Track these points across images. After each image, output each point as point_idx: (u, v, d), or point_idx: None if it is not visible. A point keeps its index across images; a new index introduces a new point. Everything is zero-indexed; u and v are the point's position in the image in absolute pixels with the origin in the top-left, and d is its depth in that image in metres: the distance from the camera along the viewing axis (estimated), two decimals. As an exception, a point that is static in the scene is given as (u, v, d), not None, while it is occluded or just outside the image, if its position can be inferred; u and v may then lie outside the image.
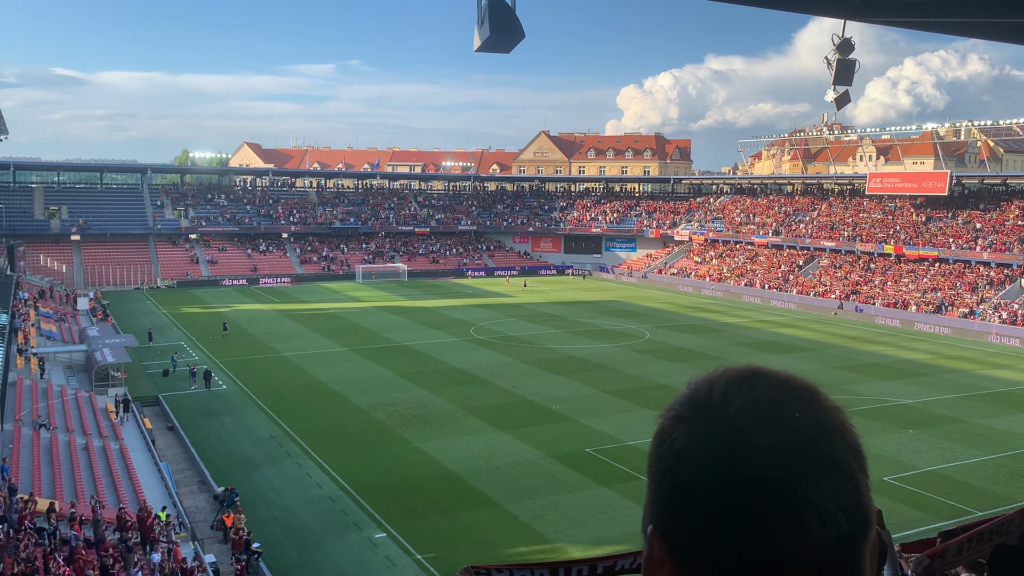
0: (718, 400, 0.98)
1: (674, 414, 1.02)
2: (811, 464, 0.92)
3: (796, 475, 0.91)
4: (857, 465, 0.96)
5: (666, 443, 1.00)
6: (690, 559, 0.95)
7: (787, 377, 1.01)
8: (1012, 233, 70.89)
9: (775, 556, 0.90)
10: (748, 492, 0.91)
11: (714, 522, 0.92)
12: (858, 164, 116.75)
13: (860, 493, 0.95)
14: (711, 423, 0.97)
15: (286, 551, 23.42)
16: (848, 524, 0.93)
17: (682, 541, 0.96)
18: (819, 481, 0.92)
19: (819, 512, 0.91)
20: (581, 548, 22.72)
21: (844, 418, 0.99)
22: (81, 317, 58.84)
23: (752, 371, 1.02)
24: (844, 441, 0.97)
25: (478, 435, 33.23)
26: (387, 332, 55.59)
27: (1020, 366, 49.75)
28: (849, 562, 0.93)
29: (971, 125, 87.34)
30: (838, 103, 11.79)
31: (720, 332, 58.48)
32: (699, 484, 0.94)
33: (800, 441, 0.94)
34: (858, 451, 0.98)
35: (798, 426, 0.95)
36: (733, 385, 1.00)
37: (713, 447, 0.95)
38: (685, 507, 0.95)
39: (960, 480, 28.81)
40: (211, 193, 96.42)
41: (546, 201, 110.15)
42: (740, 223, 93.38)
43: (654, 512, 1.00)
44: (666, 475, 0.98)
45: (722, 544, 0.92)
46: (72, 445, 30.06)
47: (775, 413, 0.96)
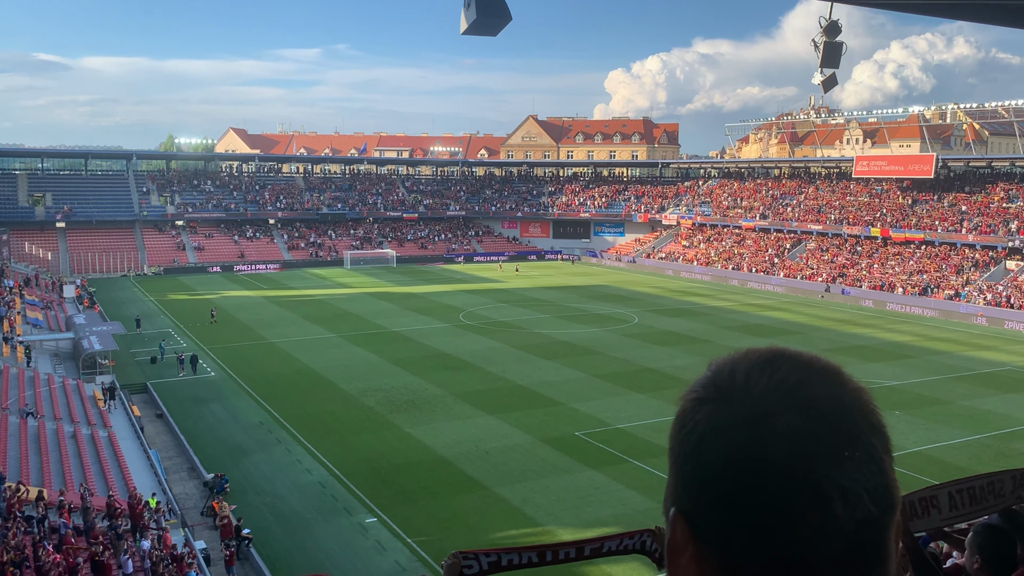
0: (741, 383, 0.97)
1: (696, 397, 1.00)
2: (836, 446, 0.91)
3: (821, 458, 0.90)
4: (882, 447, 0.95)
5: (688, 426, 0.98)
6: (714, 543, 0.94)
7: (810, 359, 0.99)
8: (997, 215, 71.34)
9: (801, 540, 0.89)
10: (773, 476, 0.90)
11: (738, 506, 0.91)
12: (845, 147, 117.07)
13: (885, 474, 0.94)
14: (734, 406, 0.95)
15: (277, 537, 23.47)
16: (874, 506, 0.92)
17: (705, 524, 0.94)
18: (845, 463, 0.91)
19: (845, 495, 0.90)
20: (571, 531, 22.86)
21: (868, 399, 0.98)
22: (67, 305, 58.47)
23: (775, 353, 1.00)
24: (869, 422, 0.95)
25: (468, 420, 33.31)
26: (376, 318, 55.53)
27: (1004, 347, 50.21)
28: (875, 544, 0.93)
29: (957, 108, 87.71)
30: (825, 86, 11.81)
31: (708, 316, 58.70)
32: (723, 467, 0.93)
33: (825, 423, 0.92)
34: (882, 432, 0.97)
35: (822, 408, 0.93)
36: (756, 367, 0.98)
37: (737, 430, 0.93)
38: (708, 490, 0.94)
39: (945, 460, 29.13)
40: (197, 179, 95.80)
41: (534, 186, 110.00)
42: (727, 207, 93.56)
43: (676, 495, 0.99)
44: (688, 458, 0.97)
45: (747, 528, 0.91)
46: (60, 433, 29.95)
47: (799, 395, 0.94)
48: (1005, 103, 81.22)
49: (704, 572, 0.95)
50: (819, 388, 0.95)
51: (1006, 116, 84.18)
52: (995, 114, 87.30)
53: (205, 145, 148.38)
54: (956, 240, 70.85)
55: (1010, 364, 45.22)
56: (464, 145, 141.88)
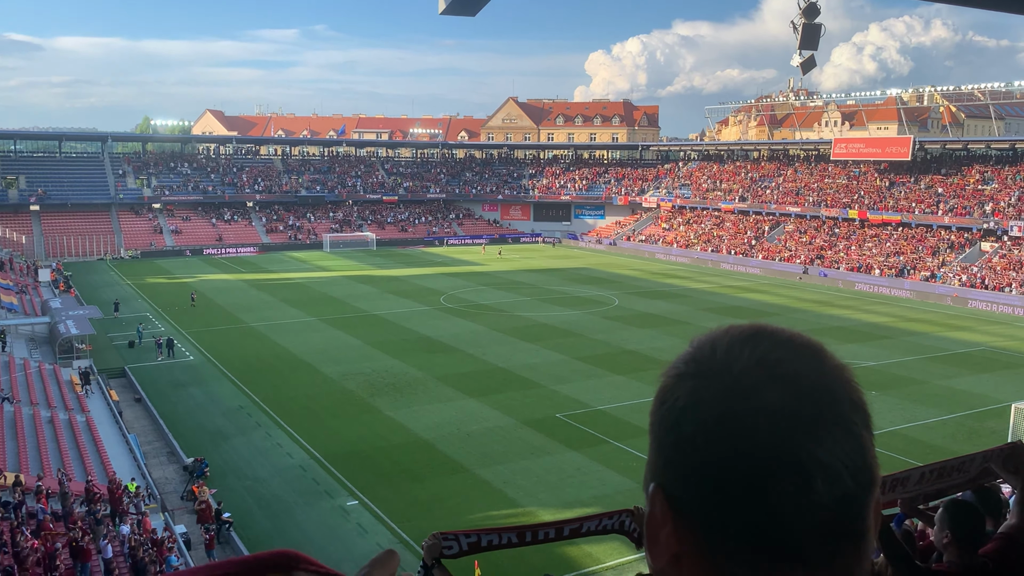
0: (722, 358, 0.96)
1: (677, 372, 0.99)
2: (816, 423, 0.91)
3: (801, 434, 0.89)
4: (862, 424, 0.95)
5: (668, 401, 0.97)
6: (693, 518, 0.93)
7: (792, 335, 0.98)
8: (972, 197, 72.07)
9: (779, 514, 0.89)
10: (752, 451, 0.89)
11: (717, 481, 0.90)
12: (823, 130, 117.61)
13: (865, 451, 0.93)
14: (715, 381, 0.94)
15: (257, 520, 23.44)
16: (853, 483, 0.91)
17: (685, 499, 0.94)
18: (824, 440, 0.90)
19: (824, 471, 0.89)
20: (552, 512, 22.99)
21: (849, 376, 0.97)
22: (43, 289, 57.77)
23: (756, 329, 1.00)
24: (849, 399, 0.95)
25: (449, 403, 33.34)
26: (356, 301, 55.34)
27: (979, 328, 50.88)
28: (853, 519, 0.92)
29: (934, 91, 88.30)
30: (804, 67, 11.84)
31: (687, 298, 59.00)
32: (702, 442, 0.92)
33: (805, 399, 0.91)
34: (863, 409, 0.96)
35: (803, 384, 0.93)
36: (737, 343, 0.97)
37: (716, 405, 0.92)
38: (688, 465, 0.93)
39: (920, 439, 29.54)
40: (174, 162, 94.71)
41: (515, 168, 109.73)
42: (707, 189, 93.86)
43: (656, 470, 0.98)
44: (668, 433, 0.96)
45: (725, 503, 0.90)
46: (37, 418, 29.67)
47: (780, 371, 0.93)
48: (981, 86, 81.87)
49: (683, 547, 0.95)
50: (800, 364, 0.95)
51: (982, 99, 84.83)
52: (971, 97, 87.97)
53: (182, 127, 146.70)
54: (932, 222, 71.53)
55: (984, 344, 45.84)
56: (444, 127, 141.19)
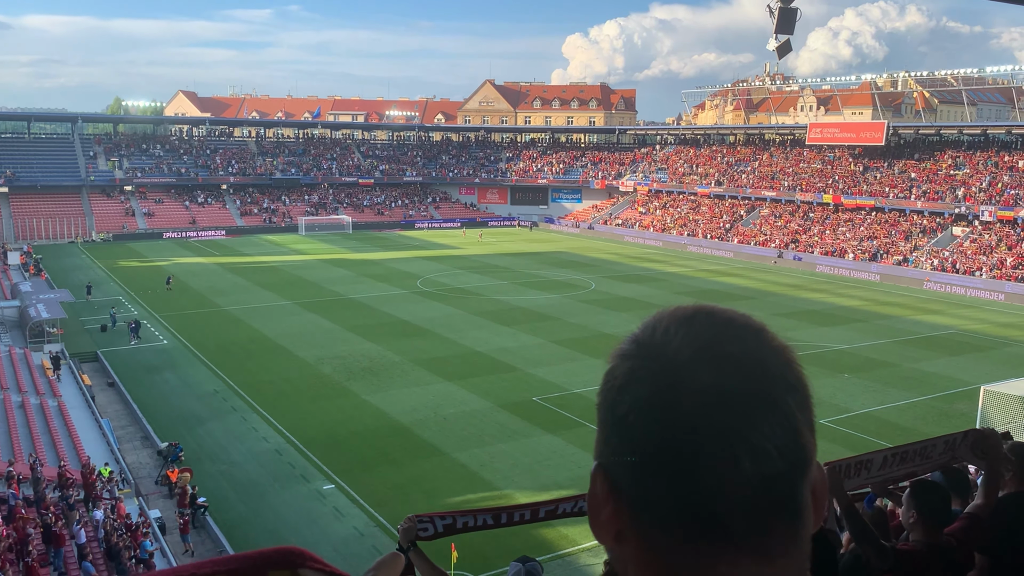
0: (660, 339, 0.97)
1: (620, 353, 1.00)
2: (745, 402, 0.91)
3: (729, 413, 0.90)
4: (796, 404, 0.94)
5: (609, 381, 0.99)
6: (628, 496, 0.95)
7: (731, 316, 0.99)
8: (944, 183, 72.87)
9: (705, 492, 0.90)
10: (679, 429, 0.90)
11: (648, 459, 0.92)
12: (799, 114, 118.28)
13: (796, 432, 0.93)
14: (650, 361, 0.95)
15: (233, 504, 23.35)
16: (783, 462, 0.91)
17: (620, 478, 0.95)
18: (754, 419, 0.91)
19: (751, 450, 0.90)
20: (528, 494, 23.10)
21: (788, 357, 0.97)
22: (12, 272, 56.89)
23: (697, 310, 1.00)
24: (784, 379, 0.94)
25: (426, 386, 33.33)
26: (332, 285, 55.05)
27: (949, 311, 51.60)
28: (783, 498, 0.92)
29: (908, 76, 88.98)
30: (779, 52, 11.87)
31: (663, 282, 59.28)
32: (634, 421, 0.93)
33: (736, 379, 0.92)
34: (800, 390, 0.95)
35: (735, 364, 0.93)
36: (675, 323, 0.98)
37: (648, 384, 0.94)
38: (622, 443, 0.94)
39: (891, 421, 29.97)
40: (146, 143, 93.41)
41: (492, 152, 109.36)
42: (683, 174, 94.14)
43: (599, 450, 1.00)
44: (607, 411, 0.97)
45: (655, 482, 0.92)
46: (7, 403, 29.30)
47: (713, 351, 0.94)
48: (954, 72, 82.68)
49: (622, 525, 0.96)
50: (734, 345, 0.95)
51: (955, 84, 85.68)
52: (944, 82, 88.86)
53: (154, 108, 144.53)
54: (905, 207, 72.28)
55: (954, 328, 46.51)
56: (420, 110, 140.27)
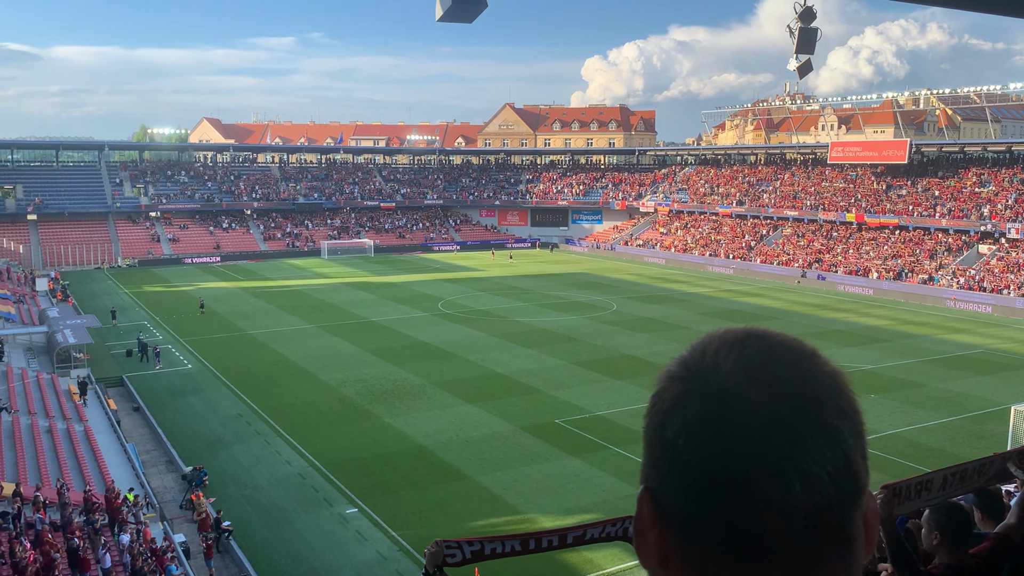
0: (710, 362, 0.96)
1: (668, 375, 1.00)
2: (798, 427, 0.89)
3: (781, 438, 0.89)
4: (848, 430, 0.93)
5: (657, 404, 0.98)
6: (675, 519, 0.93)
7: (783, 340, 0.98)
8: (969, 200, 72.17)
9: (756, 519, 0.88)
10: (731, 454, 0.89)
11: (697, 484, 0.90)
12: (820, 133, 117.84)
13: (849, 458, 0.91)
14: (700, 384, 0.94)
15: (257, 529, 23.37)
16: (834, 489, 0.89)
17: (669, 502, 0.94)
18: (805, 445, 0.89)
19: (803, 476, 0.88)
20: (552, 518, 22.96)
21: (841, 382, 0.96)
22: (40, 298, 57.69)
23: (748, 333, 1.00)
24: (837, 405, 0.93)
25: (448, 409, 33.30)
26: (354, 308, 55.30)
27: (976, 330, 50.90)
28: (835, 526, 0.90)
29: (930, 94, 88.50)
30: (800, 72, 11.85)
31: (685, 302, 59.00)
32: (683, 445, 0.92)
33: (788, 404, 0.91)
34: (851, 416, 0.94)
35: (787, 389, 0.92)
36: (726, 346, 0.97)
37: (698, 408, 0.93)
38: (670, 467, 0.93)
39: (919, 442, 29.52)
40: (171, 170, 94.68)
41: (512, 174, 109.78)
42: (704, 194, 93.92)
43: (645, 473, 0.99)
44: (655, 435, 0.97)
45: (704, 507, 0.90)
46: (35, 428, 29.58)
47: (765, 375, 0.93)
48: (977, 89, 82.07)
49: (669, 550, 0.95)
50: (786, 369, 0.94)
51: (978, 101, 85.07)
52: (967, 100, 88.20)
53: (179, 135, 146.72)
54: (930, 225, 71.61)
55: (983, 347, 45.87)
56: (441, 133, 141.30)
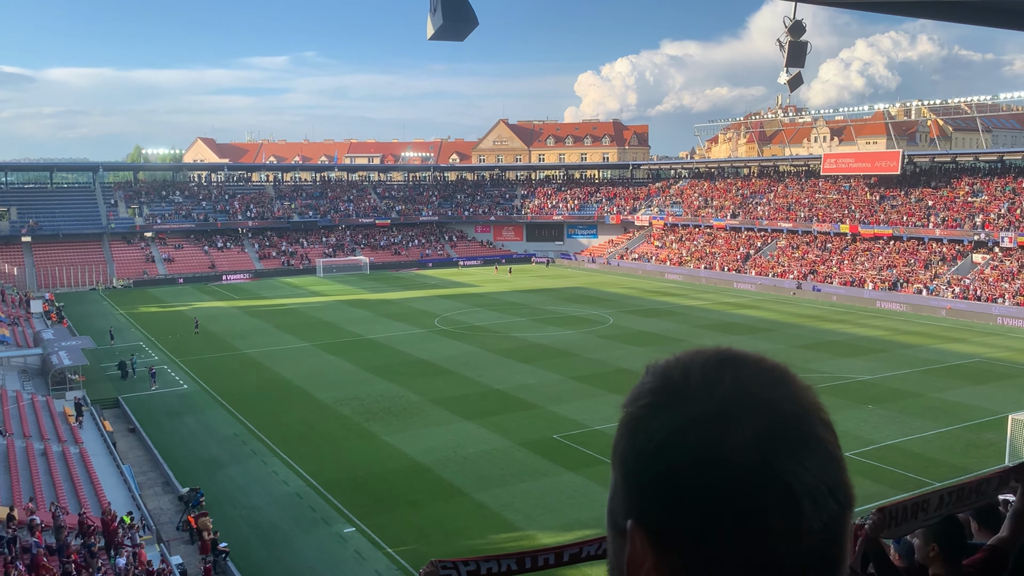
0: (698, 385, 0.94)
1: (649, 403, 0.96)
2: (799, 446, 0.90)
3: (787, 458, 0.89)
4: (834, 442, 0.95)
5: (643, 433, 0.94)
6: (679, 552, 0.91)
7: (759, 358, 0.98)
8: (962, 210, 72.46)
9: (771, 540, 0.88)
10: (742, 478, 0.88)
11: (708, 511, 0.88)
12: (812, 145, 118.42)
13: (843, 471, 0.94)
14: (696, 408, 0.92)
15: (254, 549, 23.21)
16: (835, 503, 0.91)
17: (670, 532, 0.91)
18: (808, 462, 0.90)
19: (812, 494, 0.89)
20: (551, 534, 22.84)
21: (816, 396, 0.97)
22: (35, 320, 57.53)
23: (725, 354, 0.98)
24: (821, 419, 0.95)
25: (445, 426, 33.19)
26: (350, 326, 55.22)
27: (973, 339, 50.97)
28: (839, 541, 0.92)
29: (921, 105, 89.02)
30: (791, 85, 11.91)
31: (682, 315, 59.03)
32: (690, 472, 0.89)
33: (787, 423, 0.91)
34: (833, 429, 0.96)
35: (783, 409, 0.92)
36: (711, 369, 0.96)
37: (702, 432, 0.90)
38: (675, 500, 0.90)
39: (917, 452, 29.47)
40: (165, 190, 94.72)
41: (507, 190, 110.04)
42: (698, 207, 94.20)
43: (631, 506, 0.95)
44: (648, 466, 0.93)
45: (716, 535, 0.88)
46: (30, 451, 29.40)
47: (760, 397, 0.93)
48: (968, 99, 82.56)
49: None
50: (776, 388, 0.94)
51: (969, 112, 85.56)
52: (958, 110, 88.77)
53: (173, 155, 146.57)
54: (924, 235, 71.86)
55: (979, 356, 45.91)
56: (436, 150, 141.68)
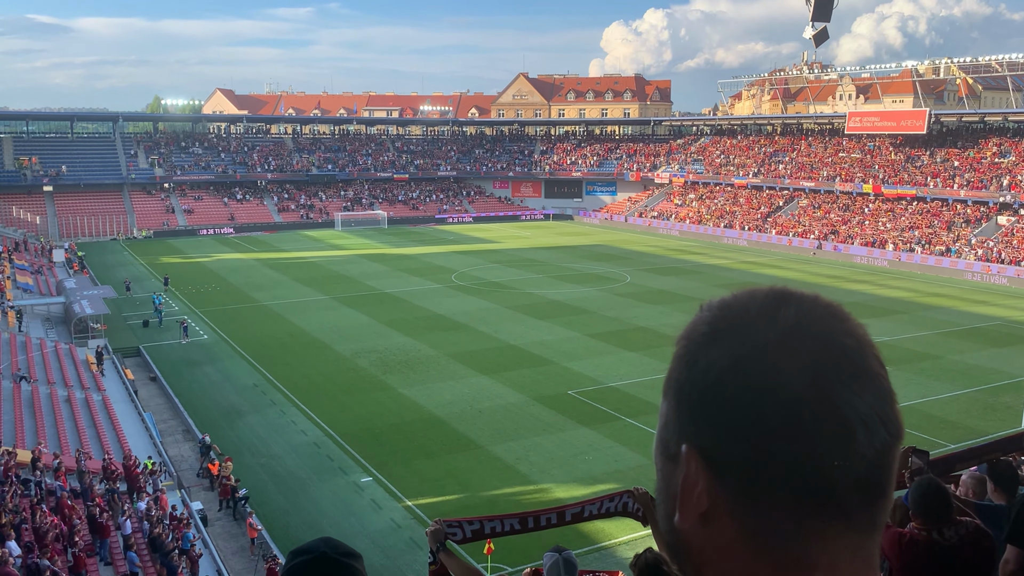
0: (757, 316, 0.98)
1: (708, 332, 1.00)
2: (854, 376, 0.94)
3: (844, 387, 0.93)
4: (886, 376, 0.98)
5: (702, 361, 0.98)
6: (733, 473, 0.94)
7: (816, 295, 1.02)
8: (988, 171, 71.23)
9: (825, 466, 0.91)
10: (799, 405, 0.91)
11: (765, 436, 0.92)
12: (837, 103, 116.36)
13: (895, 403, 0.97)
14: (757, 338, 0.96)
15: (272, 497, 23.65)
16: (886, 431, 0.94)
17: (726, 457, 0.95)
18: (863, 392, 0.94)
19: (865, 422, 0.92)
20: (564, 488, 23.11)
21: (867, 332, 1.01)
22: (57, 269, 58.18)
23: (784, 290, 1.02)
24: (874, 354, 0.99)
25: (461, 380, 33.44)
26: (368, 280, 55.43)
27: (995, 302, 50.48)
28: (888, 469, 0.96)
29: (951, 63, 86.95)
30: (816, 40, 11.68)
31: (700, 274, 58.77)
32: (748, 399, 0.93)
33: (844, 355, 0.95)
34: (883, 364, 0.99)
35: (840, 341, 0.96)
36: (771, 302, 1.00)
37: (761, 361, 0.94)
38: (732, 424, 0.94)
39: (934, 414, 29.43)
40: (185, 141, 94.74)
41: (526, 145, 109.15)
42: (720, 164, 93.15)
43: (687, 431, 0.98)
44: (706, 393, 0.96)
45: (773, 457, 0.92)
46: (54, 397, 29.98)
47: (817, 329, 0.97)
48: (999, 57, 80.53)
49: (712, 507, 0.96)
50: (834, 322, 0.98)
51: (1000, 70, 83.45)
52: (988, 68, 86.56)
53: (192, 106, 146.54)
54: (948, 196, 70.80)
55: (1001, 318, 45.51)
56: (454, 104, 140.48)
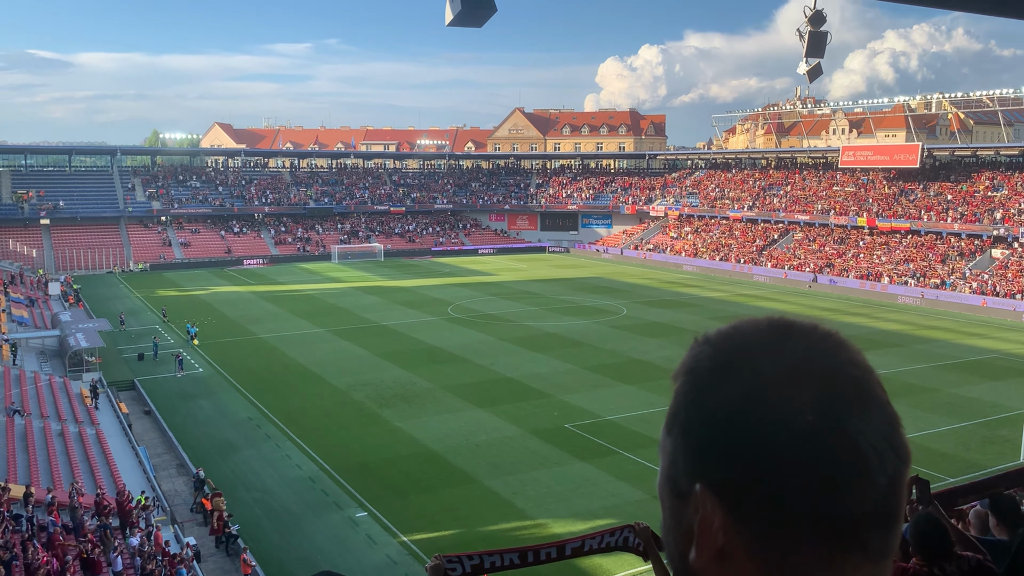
0: (762, 351, 0.98)
1: (714, 366, 0.99)
2: (861, 404, 0.94)
3: (852, 416, 0.93)
4: (888, 400, 0.99)
5: (711, 398, 0.97)
6: (752, 511, 0.93)
7: (814, 324, 1.02)
8: (981, 204, 71.75)
9: (841, 498, 0.91)
10: (814, 438, 0.91)
11: (782, 471, 0.91)
12: (831, 137, 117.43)
13: (900, 425, 0.98)
14: (764, 371, 0.95)
15: (266, 532, 23.40)
16: (896, 456, 0.95)
17: (743, 495, 0.93)
18: (872, 422, 0.94)
19: (878, 451, 0.93)
20: (562, 523, 22.91)
21: (865, 358, 1.01)
22: (53, 302, 58.04)
23: (782, 320, 1.02)
24: (876, 380, 0.99)
25: (457, 413, 33.29)
26: (364, 312, 55.40)
27: (991, 334, 50.55)
28: (899, 497, 0.95)
29: (942, 97, 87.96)
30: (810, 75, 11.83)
31: (696, 307, 58.84)
32: (761, 436, 0.92)
33: (851, 386, 0.95)
34: (884, 388, 0.99)
35: (845, 370, 0.96)
36: (773, 335, 0.99)
37: (773, 395, 0.93)
38: (747, 461, 0.93)
39: (932, 448, 29.30)
40: (183, 175, 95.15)
41: (522, 178, 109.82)
42: (715, 198, 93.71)
43: (699, 468, 0.97)
44: (718, 429, 0.95)
45: (789, 493, 0.91)
46: (47, 431, 29.74)
47: (823, 360, 0.96)
48: (990, 92, 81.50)
49: (728, 545, 0.95)
50: (839, 352, 0.98)
51: (991, 105, 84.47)
52: (980, 103, 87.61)
53: (190, 140, 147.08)
54: (942, 229, 71.22)
55: (997, 351, 45.54)
56: (451, 138, 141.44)
